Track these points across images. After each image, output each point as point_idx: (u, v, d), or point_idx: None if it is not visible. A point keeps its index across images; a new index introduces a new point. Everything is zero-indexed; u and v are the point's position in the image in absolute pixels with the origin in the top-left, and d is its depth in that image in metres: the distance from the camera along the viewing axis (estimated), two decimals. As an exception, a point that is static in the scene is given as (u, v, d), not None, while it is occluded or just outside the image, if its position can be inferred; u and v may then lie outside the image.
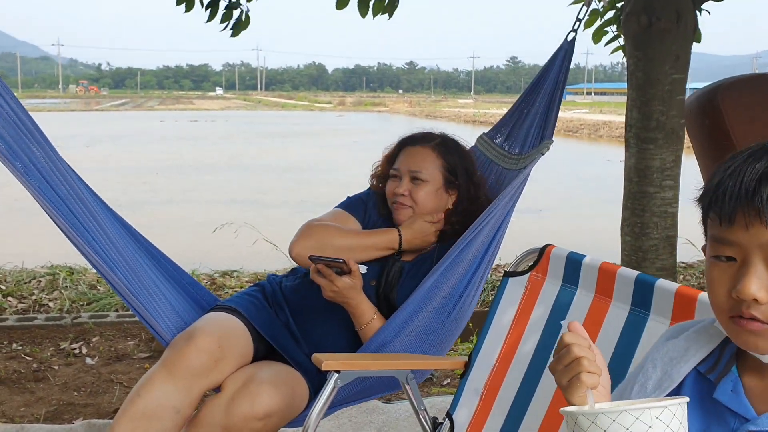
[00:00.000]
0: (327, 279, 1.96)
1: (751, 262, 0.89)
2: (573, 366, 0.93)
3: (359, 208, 2.25)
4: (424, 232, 2.15)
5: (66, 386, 3.20)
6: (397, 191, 2.17)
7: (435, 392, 3.18)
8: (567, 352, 0.94)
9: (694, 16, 2.93)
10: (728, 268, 0.91)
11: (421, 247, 2.17)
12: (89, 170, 12.81)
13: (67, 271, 4.96)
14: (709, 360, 1.00)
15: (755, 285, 0.88)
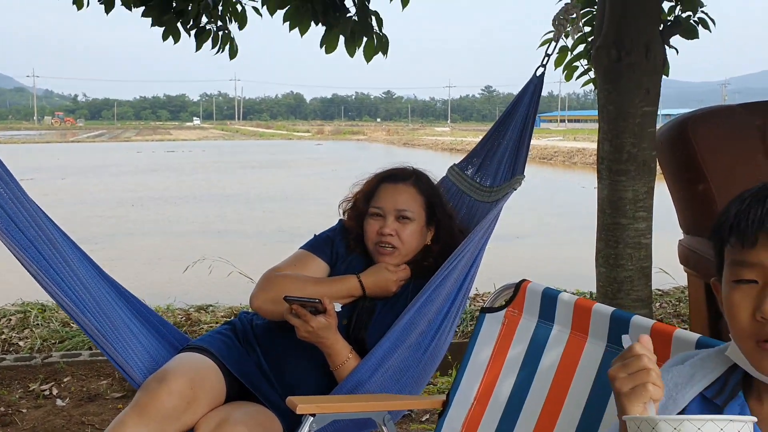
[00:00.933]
0: (302, 319, 1.93)
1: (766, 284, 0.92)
2: (641, 375, 0.94)
3: (325, 248, 2.20)
4: (386, 280, 2.11)
5: (34, 430, 3.11)
6: (384, 231, 2.11)
7: (413, 429, 3.14)
8: (637, 360, 0.95)
9: (663, 49, 2.98)
10: (750, 290, 0.94)
11: (382, 296, 2.13)
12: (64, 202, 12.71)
13: (39, 308, 4.86)
14: (716, 385, 1.02)
15: None
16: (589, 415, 1.57)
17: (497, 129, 2.52)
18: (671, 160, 3.00)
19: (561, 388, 1.65)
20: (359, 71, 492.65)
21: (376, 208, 2.15)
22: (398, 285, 2.14)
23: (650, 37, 2.89)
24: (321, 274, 2.16)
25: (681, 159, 2.92)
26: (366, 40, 3.65)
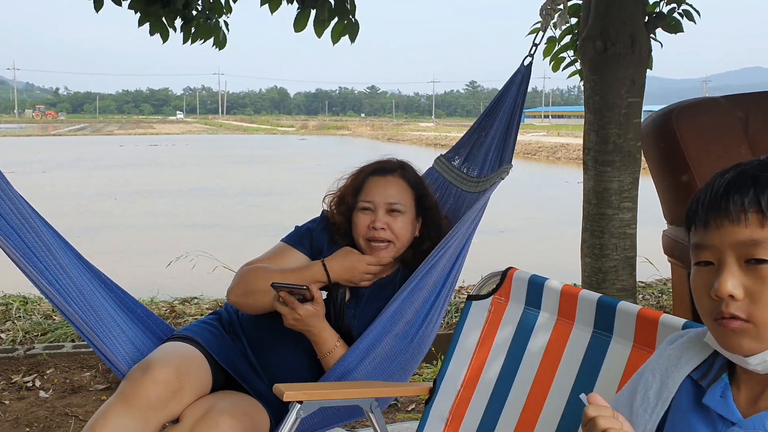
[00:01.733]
0: (289, 307, 1.92)
1: (725, 262, 0.95)
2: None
3: (304, 241, 2.17)
4: (354, 268, 2.06)
5: (17, 422, 3.08)
6: (376, 225, 2.08)
7: (400, 418, 3.15)
8: (593, 425, 0.95)
9: (648, 41, 3.00)
10: (708, 272, 0.97)
11: (352, 283, 2.08)
12: (46, 196, 12.58)
13: (21, 301, 4.82)
14: (702, 367, 1.04)
15: (730, 282, 0.93)
16: (576, 400, 1.58)
17: (484, 119, 2.51)
18: (656, 151, 3.03)
19: (547, 374, 1.66)
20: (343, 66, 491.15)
21: (365, 202, 2.12)
22: (367, 278, 2.08)
23: (635, 28, 2.91)
24: None
25: (665, 150, 2.94)
26: (335, 21, 3.61)
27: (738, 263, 0.94)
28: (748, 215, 0.92)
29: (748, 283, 0.93)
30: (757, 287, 0.93)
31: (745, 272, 0.94)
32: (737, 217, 0.93)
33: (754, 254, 0.93)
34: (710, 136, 2.86)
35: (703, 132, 2.85)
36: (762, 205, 0.92)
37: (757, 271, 0.93)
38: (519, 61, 2.49)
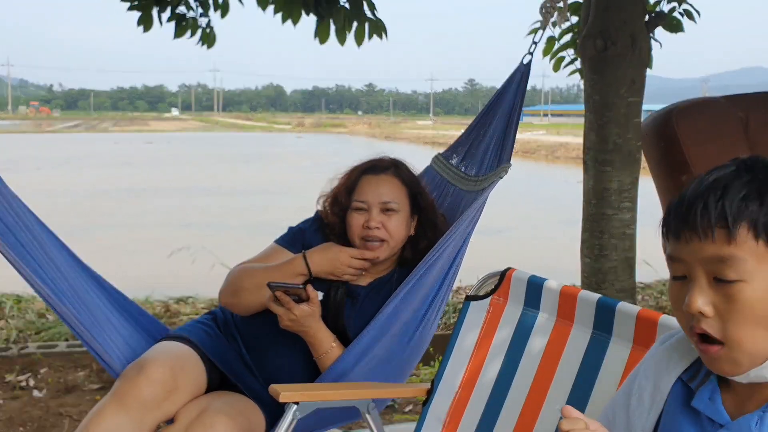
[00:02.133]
0: (285, 307, 1.90)
1: (695, 278, 0.92)
2: None
3: (297, 242, 2.15)
4: (336, 259, 2.03)
5: (11, 422, 3.06)
6: (370, 225, 2.06)
7: (397, 419, 3.14)
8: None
9: (648, 40, 2.99)
10: (681, 286, 0.95)
11: (334, 276, 2.05)
12: (40, 194, 12.54)
13: (15, 299, 4.80)
14: (692, 368, 1.03)
15: (700, 300, 0.91)
16: (575, 402, 1.56)
17: (483, 117, 2.49)
18: (655, 150, 3.01)
19: (546, 375, 1.65)
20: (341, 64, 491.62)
21: (359, 202, 2.09)
22: (350, 272, 2.04)
23: (636, 27, 2.90)
24: None
25: (665, 150, 2.93)
26: (356, 25, 3.60)
27: (707, 279, 0.91)
28: (714, 231, 0.89)
29: (717, 300, 0.91)
30: (725, 306, 0.90)
31: (714, 289, 0.91)
32: (704, 232, 0.90)
33: (720, 273, 0.90)
34: (710, 136, 2.84)
35: (703, 132, 2.84)
36: (729, 220, 0.88)
37: (725, 289, 0.90)
38: (518, 59, 2.47)
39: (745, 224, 0.88)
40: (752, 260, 0.89)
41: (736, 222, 0.88)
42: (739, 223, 0.88)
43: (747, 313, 0.89)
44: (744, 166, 0.93)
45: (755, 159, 0.94)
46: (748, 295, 0.89)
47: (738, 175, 0.91)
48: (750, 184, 0.90)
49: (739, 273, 0.89)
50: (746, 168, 0.92)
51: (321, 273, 2.03)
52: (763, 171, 0.92)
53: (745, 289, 0.89)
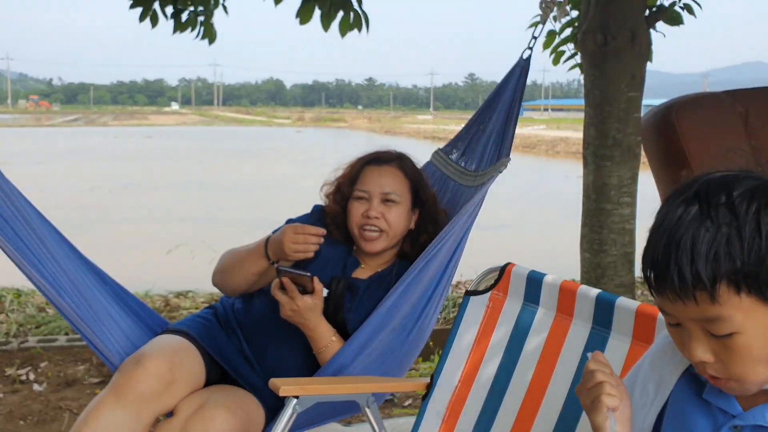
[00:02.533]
0: (289, 296, 1.90)
1: (690, 330, 0.93)
2: (595, 389, 1.01)
3: None
4: (284, 237, 2.00)
5: (11, 415, 3.07)
6: (370, 214, 2.07)
7: (396, 413, 3.14)
8: (590, 376, 1.02)
9: (648, 35, 2.99)
10: (678, 332, 0.96)
11: (288, 256, 2.02)
12: (39, 188, 12.52)
13: (15, 293, 4.80)
14: None
15: (699, 350, 0.93)
16: (574, 397, 1.57)
17: (483, 112, 2.50)
18: (655, 145, 3.01)
19: (546, 370, 1.65)
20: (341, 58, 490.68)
21: (361, 192, 2.11)
22: (296, 249, 1.99)
23: (636, 22, 2.90)
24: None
25: (665, 145, 2.92)
26: (342, 14, 3.56)
27: (702, 331, 0.92)
28: (695, 295, 0.89)
29: (716, 348, 0.92)
30: (725, 354, 0.92)
31: (710, 339, 0.92)
32: (685, 297, 0.89)
33: (712, 329, 0.91)
34: (710, 131, 2.84)
35: (703, 127, 2.84)
36: (706, 283, 0.87)
37: (721, 340, 0.91)
38: (518, 53, 2.48)
39: (723, 282, 0.87)
40: (739, 314, 0.89)
41: (714, 284, 0.87)
42: (717, 283, 0.87)
43: (746, 358, 0.91)
44: (704, 204, 0.90)
45: (709, 188, 0.91)
46: (744, 343, 0.90)
47: (701, 221, 0.89)
48: (716, 234, 0.88)
49: (729, 328, 0.90)
50: (707, 206, 0.89)
51: (277, 254, 2.03)
52: (722, 210, 0.89)
53: (739, 339, 0.90)
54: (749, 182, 0.91)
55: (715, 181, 0.92)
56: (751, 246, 0.86)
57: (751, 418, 0.95)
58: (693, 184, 0.93)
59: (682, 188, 0.94)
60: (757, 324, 0.89)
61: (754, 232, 0.87)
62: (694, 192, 0.92)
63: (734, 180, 0.91)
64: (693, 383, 1.02)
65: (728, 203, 0.89)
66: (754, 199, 0.88)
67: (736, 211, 0.88)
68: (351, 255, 2.15)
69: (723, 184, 0.91)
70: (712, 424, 0.98)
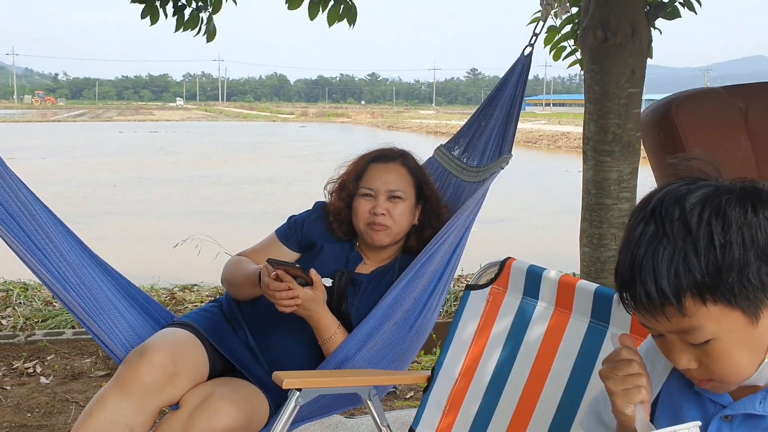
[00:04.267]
0: (285, 286, 1.90)
1: (670, 340, 0.96)
2: (632, 379, 1.01)
3: (293, 237, 2.20)
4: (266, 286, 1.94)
5: (19, 407, 3.10)
6: (376, 211, 2.10)
7: (398, 406, 3.17)
8: (628, 365, 1.01)
9: (649, 31, 3.00)
10: (662, 341, 0.99)
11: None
12: (45, 183, 12.58)
13: (21, 287, 4.84)
14: None
15: (683, 359, 0.96)
16: (572, 390, 1.59)
17: (485, 109, 2.52)
18: (655, 141, 3.03)
19: (545, 364, 1.67)
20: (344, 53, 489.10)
21: (366, 189, 2.14)
22: (271, 296, 1.93)
23: (636, 18, 2.91)
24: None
25: (664, 140, 2.93)
26: (332, 4, 3.53)
27: (682, 341, 0.95)
28: (665, 311, 0.92)
29: (699, 355, 0.95)
30: (707, 360, 0.95)
31: (691, 347, 0.95)
32: (656, 313, 0.92)
33: (689, 339, 0.94)
34: (710, 126, 2.85)
35: (702, 122, 2.85)
36: (672, 300, 0.90)
37: (701, 347, 0.94)
38: (521, 48, 2.49)
39: (688, 296, 0.90)
40: (710, 323, 0.91)
41: (679, 298, 0.90)
42: (682, 297, 0.90)
43: (726, 361, 0.94)
44: (659, 222, 0.92)
45: (663, 204, 0.93)
46: (721, 348, 0.93)
47: (659, 239, 0.91)
48: (673, 251, 0.90)
49: (704, 336, 0.92)
50: (662, 224, 0.92)
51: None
52: (676, 225, 0.91)
53: (717, 345, 0.93)
54: (701, 191, 0.93)
55: (669, 194, 0.94)
56: (707, 258, 0.89)
57: (741, 407, 0.99)
58: (651, 199, 0.96)
59: (642, 204, 0.97)
60: (728, 329, 0.92)
61: (708, 244, 0.89)
62: (650, 209, 0.94)
63: (687, 192, 0.93)
64: (684, 377, 1.04)
65: (681, 218, 0.91)
66: (704, 210, 0.91)
67: (689, 225, 0.90)
68: (354, 250, 2.18)
69: (676, 198, 0.93)
70: (703, 414, 1.01)
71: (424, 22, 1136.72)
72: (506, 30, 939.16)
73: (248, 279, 2.07)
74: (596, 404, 1.18)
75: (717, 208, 0.91)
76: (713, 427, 1.00)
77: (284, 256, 2.16)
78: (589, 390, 1.56)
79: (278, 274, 1.92)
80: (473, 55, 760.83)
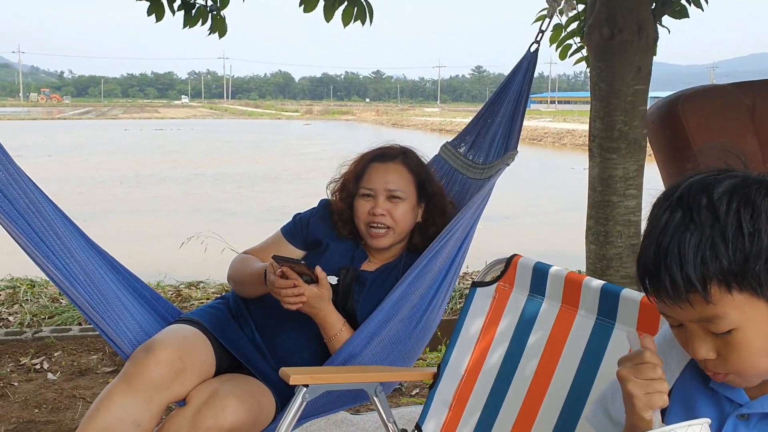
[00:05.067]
0: (290, 284, 1.91)
1: (690, 330, 0.96)
2: (655, 384, 0.98)
3: (298, 235, 2.21)
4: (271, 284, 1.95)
5: (26, 403, 3.12)
6: (376, 212, 2.10)
7: (404, 402, 3.17)
8: (651, 369, 0.99)
9: (655, 28, 2.99)
10: (680, 331, 0.98)
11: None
12: (51, 180, 12.62)
13: (28, 284, 4.86)
14: None
15: (702, 349, 0.95)
16: (579, 387, 1.60)
17: (490, 106, 2.52)
18: (661, 138, 3.02)
19: (551, 360, 1.67)
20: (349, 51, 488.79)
21: (366, 189, 2.13)
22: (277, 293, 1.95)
23: (643, 15, 2.90)
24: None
25: (671, 137, 2.93)
26: (346, 4, 3.53)
27: (703, 330, 0.95)
28: (690, 298, 0.91)
29: (718, 345, 0.95)
30: (726, 350, 0.94)
31: (712, 337, 0.95)
32: (680, 300, 0.92)
33: (711, 328, 0.93)
34: (716, 123, 2.85)
35: (709, 119, 2.84)
36: (698, 286, 0.90)
37: (722, 337, 0.94)
38: (526, 46, 2.48)
39: (714, 283, 0.90)
40: (734, 312, 0.91)
41: (705, 285, 0.90)
42: (708, 284, 0.90)
43: (746, 352, 0.93)
44: (686, 208, 0.92)
45: (690, 192, 0.93)
46: (743, 338, 0.93)
47: (686, 226, 0.91)
48: (700, 237, 0.90)
49: (727, 325, 0.92)
50: (689, 211, 0.92)
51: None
52: (704, 213, 0.91)
53: (739, 335, 0.93)
54: (729, 182, 0.93)
55: (696, 184, 0.94)
56: (735, 245, 0.89)
57: (759, 406, 0.98)
58: (676, 189, 0.95)
59: (667, 193, 0.97)
60: (753, 319, 0.91)
61: (736, 231, 0.89)
62: (677, 197, 0.94)
63: (714, 181, 0.93)
64: (699, 372, 1.04)
65: (709, 205, 0.91)
66: (733, 199, 0.90)
67: (718, 212, 0.90)
68: (359, 248, 2.18)
69: (703, 186, 0.93)
70: (719, 412, 1.00)
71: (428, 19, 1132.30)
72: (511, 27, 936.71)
73: (254, 277, 2.07)
74: (603, 399, 1.18)
75: (746, 196, 0.90)
76: (729, 426, 0.99)
77: (290, 254, 2.16)
78: (595, 386, 1.57)
79: (284, 271, 1.92)
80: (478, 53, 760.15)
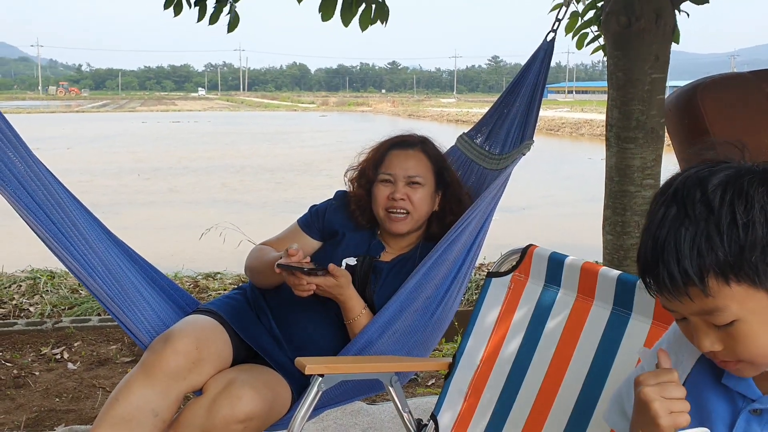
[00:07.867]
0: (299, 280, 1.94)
1: (694, 323, 0.96)
2: (680, 404, 0.97)
3: (314, 226, 2.22)
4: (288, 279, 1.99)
5: (47, 392, 3.17)
6: (396, 197, 2.11)
7: (420, 393, 3.18)
8: (677, 388, 0.98)
9: (673, 16, 2.95)
10: (685, 325, 0.98)
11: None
12: (70, 172, 12.75)
13: (48, 275, 4.91)
14: None
15: (707, 342, 0.95)
16: (594, 377, 1.59)
17: (507, 96, 2.51)
18: (679, 127, 2.99)
19: (566, 351, 1.66)
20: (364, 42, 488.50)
21: (386, 175, 2.15)
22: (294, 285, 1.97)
23: (661, 3, 2.86)
24: (309, 250, 2.18)
25: (689, 126, 2.90)
26: (363, 7, 3.52)
27: (706, 323, 0.95)
28: (688, 292, 0.91)
29: (722, 337, 0.94)
30: (731, 342, 0.94)
31: (715, 329, 0.94)
32: (679, 294, 0.92)
33: (713, 320, 0.93)
34: (736, 112, 2.81)
35: (728, 108, 2.80)
36: (695, 280, 0.90)
37: (725, 329, 0.93)
38: (542, 35, 2.47)
39: (711, 276, 0.90)
40: (734, 303, 0.91)
41: (702, 278, 0.90)
42: (705, 277, 0.90)
43: (751, 342, 0.93)
44: (681, 203, 0.92)
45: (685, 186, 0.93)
46: (746, 329, 0.93)
47: (681, 220, 0.91)
48: (696, 231, 0.90)
49: (728, 317, 0.92)
50: (683, 205, 0.92)
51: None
52: (698, 206, 0.91)
53: (741, 326, 0.92)
54: (723, 173, 0.93)
55: (691, 177, 0.94)
56: (730, 237, 0.89)
57: None
58: (672, 184, 0.96)
59: (663, 188, 0.97)
60: (753, 309, 0.91)
61: (730, 223, 0.89)
62: (672, 191, 0.94)
63: (709, 174, 0.93)
64: (711, 368, 1.03)
65: (703, 199, 0.91)
66: (726, 191, 0.90)
67: (712, 205, 0.90)
68: (375, 238, 2.19)
69: (698, 180, 0.93)
70: (731, 408, 1.00)
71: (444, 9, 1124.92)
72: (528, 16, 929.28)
73: (270, 267, 2.08)
74: (620, 398, 1.17)
75: (739, 188, 0.90)
76: (742, 421, 0.98)
77: (307, 245, 2.18)
78: (611, 377, 1.56)
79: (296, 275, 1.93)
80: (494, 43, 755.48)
